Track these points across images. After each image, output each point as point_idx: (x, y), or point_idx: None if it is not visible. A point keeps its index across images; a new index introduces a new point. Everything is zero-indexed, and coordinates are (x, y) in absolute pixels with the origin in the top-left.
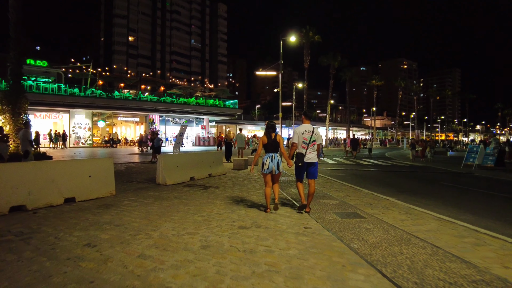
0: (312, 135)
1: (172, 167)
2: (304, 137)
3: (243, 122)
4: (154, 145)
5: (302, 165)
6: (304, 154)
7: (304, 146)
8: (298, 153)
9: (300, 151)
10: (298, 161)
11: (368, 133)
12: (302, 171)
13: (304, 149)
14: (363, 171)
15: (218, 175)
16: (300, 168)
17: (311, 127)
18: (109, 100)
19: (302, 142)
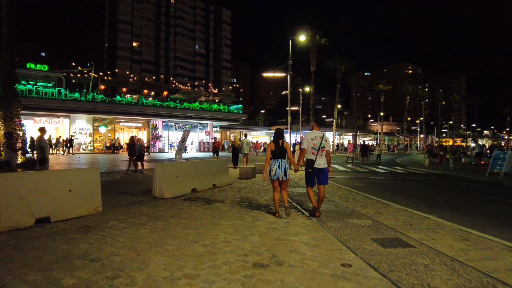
0: (322, 141)
1: (170, 177)
2: (313, 143)
3: (248, 127)
4: (136, 152)
5: (312, 171)
6: (314, 160)
7: (314, 152)
8: (308, 159)
9: (310, 157)
10: (308, 167)
11: (375, 138)
12: (312, 178)
13: (314, 155)
14: (381, 180)
15: (224, 185)
16: (311, 175)
17: (321, 133)
18: (110, 104)
19: (311, 148)
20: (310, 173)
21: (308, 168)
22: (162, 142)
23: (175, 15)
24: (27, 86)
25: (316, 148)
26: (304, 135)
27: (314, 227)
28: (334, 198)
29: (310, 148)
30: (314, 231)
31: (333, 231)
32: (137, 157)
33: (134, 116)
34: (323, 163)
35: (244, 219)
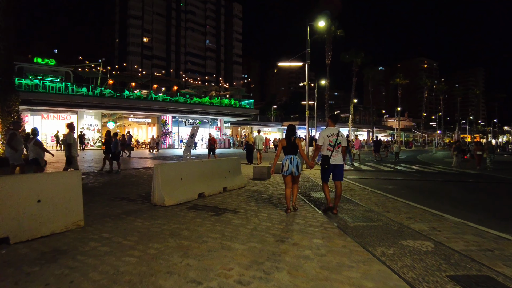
0: (338, 138)
1: (173, 180)
2: (329, 140)
3: (259, 123)
4: (112, 150)
5: (328, 167)
6: (330, 157)
7: (330, 148)
8: (324, 155)
9: (326, 153)
10: (324, 164)
11: (391, 134)
12: (328, 173)
13: (330, 152)
14: (413, 181)
15: (236, 188)
16: (326, 171)
17: (337, 130)
18: (118, 100)
19: (327, 145)
20: (326, 169)
21: (324, 164)
22: (172, 138)
23: (185, 9)
24: (34, 81)
25: (332, 144)
26: (319, 131)
27: (362, 255)
28: (370, 206)
29: (326, 144)
30: (364, 262)
31: (390, 263)
32: (113, 156)
33: (143, 112)
34: (339, 160)
35: (264, 241)
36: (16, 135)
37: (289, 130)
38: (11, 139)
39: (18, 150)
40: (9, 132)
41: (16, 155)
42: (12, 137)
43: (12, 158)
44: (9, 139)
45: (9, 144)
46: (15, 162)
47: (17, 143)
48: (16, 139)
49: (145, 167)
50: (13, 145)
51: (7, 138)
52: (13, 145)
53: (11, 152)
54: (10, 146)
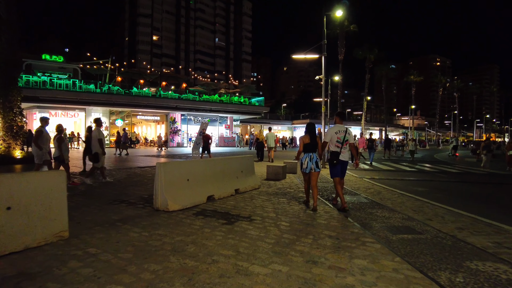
0: (345, 135)
1: (179, 181)
2: (337, 137)
3: (269, 121)
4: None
5: (337, 162)
6: (340, 153)
7: (338, 145)
8: (333, 151)
9: (335, 150)
10: (333, 159)
11: (402, 133)
12: (337, 169)
13: (338, 148)
14: (443, 183)
15: (249, 190)
16: (336, 166)
17: (344, 127)
18: (127, 97)
19: (335, 142)
20: (335, 165)
21: (333, 160)
22: (181, 136)
23: (195, 7)
24: (41, 77)
25: (340, 141)
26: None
27: (424, 284)
28: (407, 212)
29: (334, 141)
30: None
31: None
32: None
33: (151, 109)
34: (346, 156)
35: (291, 261)
36: (43, 132)
37: (311, 128)
38: (37, 137)
39: (43, 148)
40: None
41: (40, 153)
42: (38, 135)
43: (36, 157)
44: (35, 136)
45: (35, 141)
46: (39, 161)
47: (43, 141)
48: (42, 136)
49: (151, 166)
50: (39, 143)
51: (34, 135)
52: (39, 143)
53: (36, 150)
54: (36, 144)
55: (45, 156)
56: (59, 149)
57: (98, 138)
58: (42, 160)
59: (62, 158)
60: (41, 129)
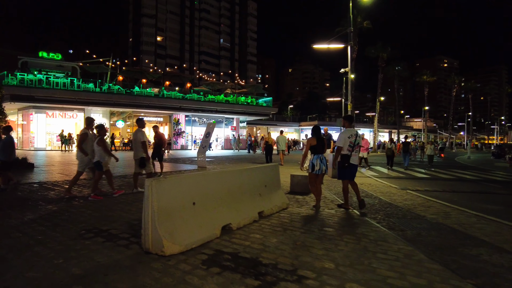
0: (356, 138)
1: (180, 207)
2: (350, 141)
3: (275, 123)
4: None
5: (348, 165)
6: (350, 156)
7: (349, 149)
8: (344, 154)
9: (345, 153)
10: (345, 162)
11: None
12: (348, 172)
13: (349, 152)
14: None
15: (275, 212)
16: (346, 169)
17: (355, 131)
18: (128, 96)
19: (348, 146)
20: (346, 167)
21: (345, 163)
22: (185, 138)
23: (199, 8)
24: (37, 76)
25: (352, 145)
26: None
27: None
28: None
29: (346, 145)
30: None
31: None
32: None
33: (154, 110)
34: (355, 160)
35: None
36: (88, 135)
37: (317, 130)
38: (82, 140)
39: (89, 153)
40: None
41: (86, 159)
42: (83, 138)
43: (81, 163)
44: (80, 140)
45: (79, 146)
46: (83, 168)
47: (88, 145)
48: (87, 140)
49: None
50: (84, 147)
51: (78, 138)
52: (84, 148)
53: (81, 156)
54: (80, 148)
55: (90, 163)
56: (106, 152)
57: (141, 140)
58: (87, 167)
59: (100, 164)
60: (86, 132)
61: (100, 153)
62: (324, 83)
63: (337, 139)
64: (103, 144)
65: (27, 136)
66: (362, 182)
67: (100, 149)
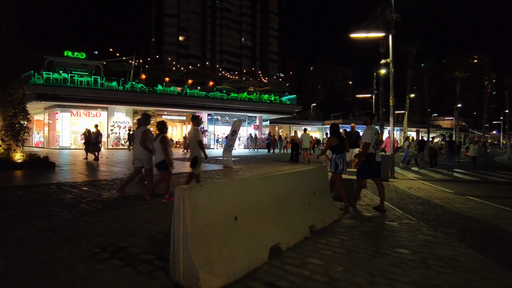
0: (379, 136)
1: (219, 225)
2: (375, 138)
3: (298, 121)
4: None
5: (375, 164)
6: (375, 154)
7: (374, 146)
8: (369, 153)
9: (370, 151)
10: (372, 161)
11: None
12: (370, 171)
13: (374, 149)
14: None
15: (328, 224)
16: (371, 167)
17: (376, 128)
18: (151, 95)
19: (373, 143)
20: (373, 166)
21: (372, 162)
22: (207, 137)
23: (221, 7)
24: (62, 74)
25: (376, 142)
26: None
27: None
28: None
29: (372, 143)
30: None
31: None
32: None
33: (177, 108)
34: (379, 156)
35: None
36: (150, 132)
37: (336, 129)
38: (144, 137)
39: (152, 150)
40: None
41: (150, 156)
42: (145, 135)
43: (146, 161)
44: (142, 137)
45: (142, 143)
46: (149, 165)
47: (150, 142)
48: (150, 137)
49: (175, 173)
50: (147, 144)
51: (141, 135)
52: (147, 145)
53: (143, 153)
54: (143, 145)
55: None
56: (164, 151)
57: (198, 139)
58: (152, 164)
59: (168, 162)
60: (147, 128)
61: (163, 152)
62: (347, 81)
63: (363, 135)
64: (165, 142)
65: (53, 135)
66: (410, 185)
67: (162, 148)
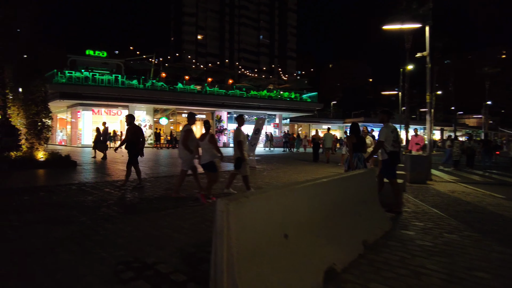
0: (397, 134)
1: (268, 243)
2: (393, 136)
3: (318, 120)
4: None
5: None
6: (399, 152)
7: (395, 145)
8: (392, 151)
9: (394, 150)
10: (397, 161)
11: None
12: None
13: (396, 148)
14: None
15: (380, 237)
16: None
17: (393, 126)
18: (171, 93)
19: (393, 141)
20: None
21: (397, 161)
22: (227, 135)
23: (239, 4)
24: (84, 73)
25: (396, 140)
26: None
27: None
28: None
29: (390, 141)
30: None
31: None
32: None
33: (196, 107)
34: None
35: None
36: (192, 131)
37: (356, 128)
38: (186, 137)
39: (192, 151)
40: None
41: (190, 157)
42: (188, 134)
43: (185, 162)
44: (184, 136)
45: (185, 143)
46: (187, 167)
47: (192, 143)
48: (192, 137)
49: None
50: (189, 144)
51: (182, 134)
52: (188, 145)
53: (186, 153)
54: (185, 145)
55: (192, 162)
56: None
57: (238, 139)
58: (191, 166)
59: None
60: (190, 128)
61: (211, 152)
62: (367, 79)
63: (379, 133)
64: (215, 141)
65: (75, 133)
66: (452, 189)
67: (212, 147)
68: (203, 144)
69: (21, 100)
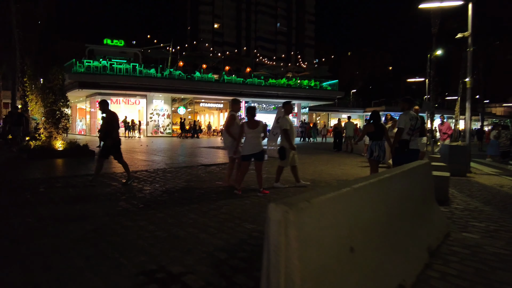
0: (417, 122)
1: (333, 259)
2: (411, 124)
3: (337, 109)
4: None
5: (408, 151)
6: (409, 141)
7: (409, 132)
8: (403, 139)
9: (405, 137)
10: (404, 148)
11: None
12: (404, 159)
13: (408, 136)
14: None
15: (441, 241)
16: (404, 155)
17: (415, 114)
18: (189, 82)
19: (408, 129)
20: (404, 153)
21: (404, 148)
22: None
23: None
24: (102, 62)
25: (412, 128)
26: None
27: None
28: None
29: (407, 128)
30: None
31: None
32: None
33: (214, 96)
34: (415, 144)
35: None
36: (236, 118)
37: (376, 116)
38: (229, 123)
39: (235, 138)
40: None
41: (234, 143)
42: (231, 121)
43: (230, 149)
44: (227, 123)
45: (227, 129)
46: (230, 152)
47: (236, 128)
48: (235, 123)
49: (218, 163)
50: (232, 131)
51: (226, 121)
52: (231, 131)
53: (228, 139)
54: (228, 131)
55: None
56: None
57: (283, 128)
58: (238, 153)
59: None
60: (233, 114)
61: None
62: (387, 67)
63: (398, 121)
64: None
65: (94, 122)
66: (499, 183)
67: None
68: (255, 131)
69: (39, 88)
